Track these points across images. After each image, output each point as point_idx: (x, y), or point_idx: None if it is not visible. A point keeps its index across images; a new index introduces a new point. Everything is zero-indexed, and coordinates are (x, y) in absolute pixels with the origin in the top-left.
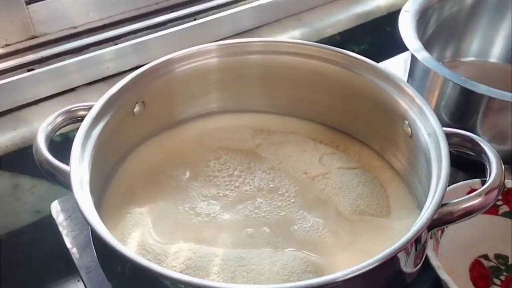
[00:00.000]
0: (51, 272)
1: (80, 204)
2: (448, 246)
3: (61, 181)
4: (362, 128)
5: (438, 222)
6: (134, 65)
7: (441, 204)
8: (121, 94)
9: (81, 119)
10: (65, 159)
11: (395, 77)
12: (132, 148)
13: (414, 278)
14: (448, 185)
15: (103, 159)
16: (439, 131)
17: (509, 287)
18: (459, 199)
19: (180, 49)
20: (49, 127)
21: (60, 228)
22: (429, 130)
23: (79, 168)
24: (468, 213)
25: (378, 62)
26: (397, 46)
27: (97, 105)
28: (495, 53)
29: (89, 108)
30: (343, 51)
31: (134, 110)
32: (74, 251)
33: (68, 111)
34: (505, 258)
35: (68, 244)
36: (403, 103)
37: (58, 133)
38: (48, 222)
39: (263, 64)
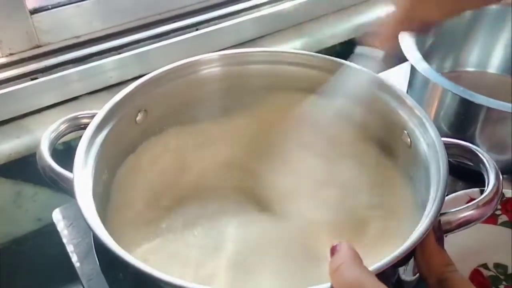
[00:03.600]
0: (52, 280)
1: (83, 209)
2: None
3: (64, 188)
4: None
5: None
6: (136, 75)
7: (440, 214)
8: (124, 103)
9: (84, 126)
10: (68, 167)
11: (395, 88)
12: (135, 156)
13: (413, 286)
14: (447, 195)
15: (106, 167)
16: (438, 142)
17: None
18: (458, 209)
19: (182, 59)
20: (53, 135)
21: (62, 236)
22: (428, 140)
23: (82, 174)
24: (466, 222)
25: (378, 72)
26: (397, 57)
27: (101, 113)
28: (494, 64)
29: (92, 116)
30: (344, 62)
31: (137, 119)
32: (75, 259)
33: (72, 119)
34: (505, 267)
35: (70, 252)
36: (403, 114)
37: (60, 141)
38: (50, 230)
39: (265, 73)
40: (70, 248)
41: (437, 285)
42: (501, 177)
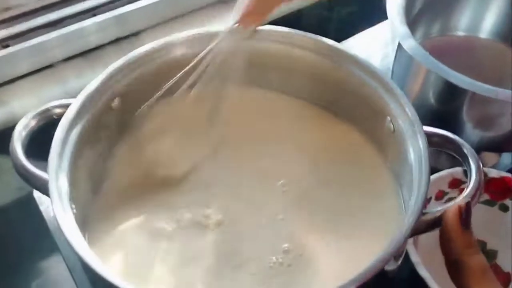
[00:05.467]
0: (36, 249)
1: (61, 224)
2: (429, 234)
3: (39, 188)
4: (349, 118)
5: (418, 231)
6: (113, 38)
7: (422, 213)
8: (98, 91)
9: (57, 117)
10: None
11: (379, 72)
12: (113, 145)
13: (396, 272)
14: (431, 173)
15: (83, 164)
16: (420, 133)
17: None
18: (439, 208)
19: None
20: (24, 132)
21: (43, 214)
22: (410, 129)
23: (58, 179)
24: None
25: (366, 27)
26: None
27: (73, 106)
28: (486, 28)
29: (65, 106)
30: (328, 42)
31: (112, 105)
32: (58, 236)
33: (43, 112)
34: (484, 244)
35: (52, 230)
36: (386, 100)
37: None
38: (32, 198)
39: (245, 52)
40: (52, 226)
41: (451, 265)
42: (482, 174)
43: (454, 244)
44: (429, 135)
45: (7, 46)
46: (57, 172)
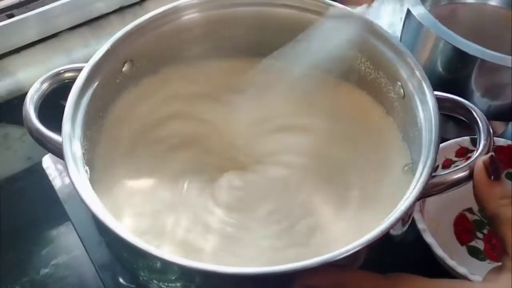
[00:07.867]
0: (45, 217)
1: (76, 185)
2: (435, 201)
3: (54, 151)
4: (360, 83)
5: (427, 194)
6: (117, 6)
7: (432, 176)
8: (109, 55)
9: (69, 81)
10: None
11: (390, 37)
12: (121, 107)
13: (402, 237)
14: None
15: (95, 124)
16: (431, 97)
17: (490, 241)
18: (449, 171)
19: None
20: (36, 96)
21: (52, 183)
22: (420, 94)
23: (71, 143)
24: (456, 184)
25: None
26: None
27: (84, 71)
28: None
29: (75, 70)
30: (339, 7)
31: (123, 69)
32: (68, 204)
33: (54, 75)
34: None
35: (61, 198)
36: (397, 64)
37: None
38: (40, 168)
39: (253, 16)
40: (61, 194)
41: (490, 220)
42: (492, 138)
43: (486, 197)
44: (439, 100)
45: (12, 15)
46: (70, 135)
